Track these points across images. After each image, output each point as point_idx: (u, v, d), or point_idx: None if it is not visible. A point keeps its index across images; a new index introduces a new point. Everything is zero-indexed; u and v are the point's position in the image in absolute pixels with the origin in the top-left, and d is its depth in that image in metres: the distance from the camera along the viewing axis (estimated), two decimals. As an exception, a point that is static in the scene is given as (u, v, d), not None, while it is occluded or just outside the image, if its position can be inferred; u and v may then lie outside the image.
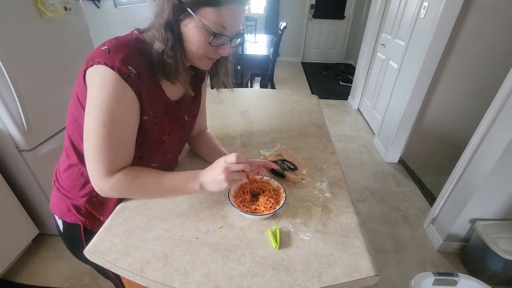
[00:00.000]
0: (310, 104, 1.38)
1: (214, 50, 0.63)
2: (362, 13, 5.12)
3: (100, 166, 0.60)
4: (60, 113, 1.48)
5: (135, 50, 0.59)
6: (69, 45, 1.53)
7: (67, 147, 0.71)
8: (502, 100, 1.30)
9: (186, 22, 0.59)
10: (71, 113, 0.67)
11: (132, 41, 0.61)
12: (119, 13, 2.73)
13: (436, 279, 1.23)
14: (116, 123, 0.58)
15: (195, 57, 0.64)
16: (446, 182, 1.67)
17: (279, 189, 0.76)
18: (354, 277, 0.57)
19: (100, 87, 0.56)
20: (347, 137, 2.94)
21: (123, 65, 0.56)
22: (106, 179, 0.61)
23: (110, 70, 0.55)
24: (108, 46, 0.57)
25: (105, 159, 0.59)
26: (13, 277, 1.47)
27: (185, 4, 0.57)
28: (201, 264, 0.59)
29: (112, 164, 0.61)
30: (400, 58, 2.35)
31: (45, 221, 1.60)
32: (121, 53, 0.56)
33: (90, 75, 0.57)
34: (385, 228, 1.83)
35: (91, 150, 0.59)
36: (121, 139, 0.61)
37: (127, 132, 0.62)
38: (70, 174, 0.72)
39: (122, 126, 0.60)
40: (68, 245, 0.83)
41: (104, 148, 0.59)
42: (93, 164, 0.60)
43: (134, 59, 0.58)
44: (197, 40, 0.60)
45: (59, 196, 0.75)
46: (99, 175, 0.61)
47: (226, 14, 0.57)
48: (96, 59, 0.55)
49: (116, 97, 0.56)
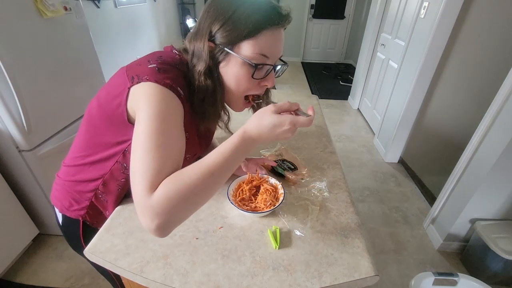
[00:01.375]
0: (310, 104, 1.38)
1: (257, 84, 0.62)
2: (362, 13, 5.12)
3: (149, 179, 0.48)
4: (60, 113, 1.48)
5: (180, 74, 0.59)
6: (69, 45, 1.53)
7: (80, 147, 0.69)
8: (502, 100, 1.30)
9: (225, 63, 0.58)
10: (92, 117, 0.64)
11: (177, 63, 0.60)
12: (119, 13, 2.74)
13: (436, 279, 1.23)
14: (167, 133, 0.52)
15: (235, 96, 0.63)
16: (446, 182, 1.67)
17: (277, 186, 0.76)
18: (354, 277, 0.57)
19: (151, 101, 0.52)
20: (347, 137, 2.94)
21: (174, 84, 0.55)
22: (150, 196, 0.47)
23: (162, 86, 0.53)
24: (157, 65, 0.55)
25: (154, 170, 0.49)
26: (13, 277, 1.47)
27: (221, 45, 0.56)
28: (201, 264, 0.59)
29: (161, 174, 0.49)
30: (400, 58, 2.35)
31: (45, 221, 1.60)
32: (170, 73, 0.56)
33: (137, 92, 0.55)
34: (385, 228, 1.83)
35: (140, 163, 0.50)
36: (172, 149, 0.53)
37: (178, 142, 0.55)
38: (79, 170, 0.71)
39: (174, 137, 0.54)
40: (66, 238, 0.84)
41: (154, 159, 0.49)
42: (140, 178, 0.48)
43: (181, 82, 0.58)
44: (238, 77, 0.59)
45: (61, 190, 0.75)
46: (147, 189, 0.47)
47: (263, 41, 0.56)
48: (145, 76, 0.54)
49: (167, 108, 0.53)
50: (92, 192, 0.71)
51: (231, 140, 0.52)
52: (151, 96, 0.52)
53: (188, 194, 0.47)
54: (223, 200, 0.75)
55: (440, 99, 2.09)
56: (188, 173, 0.49)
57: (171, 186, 0.47)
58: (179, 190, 0.46)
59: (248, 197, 0.74)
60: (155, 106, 0.52)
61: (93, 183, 0.70)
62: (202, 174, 0.48)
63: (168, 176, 0.49)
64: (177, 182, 0.47)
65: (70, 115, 1.56)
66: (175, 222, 0.49)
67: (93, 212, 0.75)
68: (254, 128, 0.51)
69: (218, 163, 0.49)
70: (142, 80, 0.53)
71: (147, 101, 0.52)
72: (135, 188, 0.48)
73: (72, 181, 0.72)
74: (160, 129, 0.51)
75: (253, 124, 0.52)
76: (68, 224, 0.77)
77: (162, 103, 0.52)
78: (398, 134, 2.37)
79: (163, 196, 0.46)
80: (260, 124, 0.51)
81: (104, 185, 0.70)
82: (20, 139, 1.29)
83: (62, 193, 0.75)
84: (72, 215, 0.74)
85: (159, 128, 0.51)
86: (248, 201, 0.73)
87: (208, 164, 0.49)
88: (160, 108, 0.52)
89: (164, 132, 0.51)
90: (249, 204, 0.72)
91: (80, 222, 0.75)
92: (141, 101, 0.53)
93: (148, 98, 0.53)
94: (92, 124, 0.65)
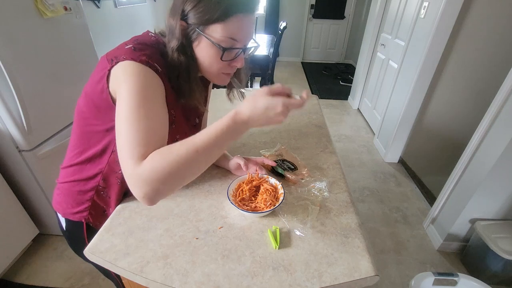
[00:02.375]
0: (310, 104, 1.38)
1: (228, 64, 0.64)
2: (362, 13, 5.12)
3: (136, 150, 0.51)
4: (60, 113, 1.48)
5: (157, 51, 0.60)
6: (69, 45, 1.53)
7: (74, 144, 0.70)
8: (502, 100, 1.30)
9: (197, 43, 0.60)
10: (80, 111, 0.65)
11: (153, 42, 0.62)
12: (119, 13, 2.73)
13: (436, 279, 1.23)
14: (149, 106, 0.54)
15: (211, 74, 0.65)
16: (446, 182, 1.67)
17: (276, 186, 0.76)
18: (354, 277, 0.57)
19: (130, 77, 0.54)
20: (347, 137, 2.94)
21: (151, 60, 0.56)
22: (138, 166, 0.50)
23: (139, 63, 0.55)
24: (133, 45, 0.57)
25: (140, 142, 0.52)
26: (13, 277, 1.47)
27: (193, 25, 0.58)
28: (201, 264, 0.59)
29: (147, 146, 0.52)
30: (400, 58, 2.35)
31: (45, 221, 1.60)
32: (146, 50, 0.57)
33: (116, 72, 0.56)
34: (385, 228, 1.83)
35: (125, 136, 0.52)
36: (155, 122, 0.55)
37: (161, 115, 0.57)
38: (77, 169, 0.71)
39: (156, 109, 0.56)
40: (70, 243, 0.84)
41: (138, 131, 0.52)
42: (127, 150, 0.51)
43: (158, 59, 0.59)
44: (209, 58, 0.61)
45: (62, 194, 0.75)
46: (132, 162, 0.50)
47: (233, 26, 0.57)
48: (122, 56, 0.55)
49: (146, 83, 0.55)
50: (93, 190, 0.72)
51: (221, 120, 0.52)
52: (130, 73, 0.54)
53: (174, 168, 0.49)
54: (223, 200, 0.75)
55: (440, 99, 2.09)
56: (175, 148, 0.51)
57: (157, 158, 0.50)
58: (165, 163, 0.49)
59: (248, 197, 0.74)
60: (135, 81, 0.54)
61: (93, 180, 0.71)
62: (187, 150, 0.50)
63: (156, 150, 0.51)
64: (163, 156, 0.50)
65: (70, 115, 1.54)
66: (162, 192, 0.52)
67: (96, 212, 0.75)
68: (246, 110, 0.51)
69: (204, 142, 0.51)
70: (120, 60, 0.55)
71: (127, 78, 0.54)
72: (124, 161, 0.51)
73: (72, 182, 0.72)
74: (142, 103, 0.53)
75: (245, 105, 0.52)
76: (72, 228, 0.77)
77: (142, 78, 0.55)
78: (398, 134, 2.37)
79: (150, 166, 0.49)
80: (253, 105, 0.51)
81: (104, 180, 0.70)
82: (20, 139, 1.29)
83: (63, 197, 0.75)
84: (75, 218, 0.75)
85: (140, 102, 0.53)
86: (248, 201, 0.73)
87: (195, 141, 0.51)
88: (139, 83, 0.54)
89: (146, 106, 0.54)
90: (249, 204, 0.72)
91: (83, 224, 0.75)
92: (121, 79, 0.55)
93: (127, 76, 0.55)
94: (81, 116, 0.66)
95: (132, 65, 0.55)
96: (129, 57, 0.55)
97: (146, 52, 0.57)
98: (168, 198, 0.75)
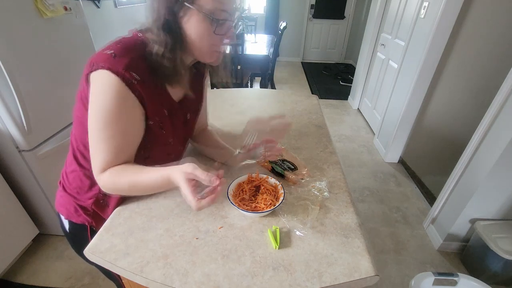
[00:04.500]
0: (310, 104, 1.38)
1: (220, 39, 0.62)
2: (362, 13, 5.12)
3: (97, 164, 0.62)
4: (60, 113, 1.48)
5: (139, 55, 0.58)
6: (69, 45, 1.53)
7: (74, 149, 0.71)
8: (502, 100, 1.30)
9: (187, 18, 0.58)
10: (76, 116, 0.66)
11: (137, 45, 0.59)
12: (119, 13, 2.73)
13: (436, 279, 1.23)
14: (115, 127, 0.58)
15: (202, 52, 0.63)
16: (446, 182, 1.67)
17: (276, 186, 0.76)
18: (354, 277, 0.57)
19: (103, 92, 0.56)
20: (347, 137, 2.94)
21: (127, 72, 0.55)
22: (99, 176, 0.63)
23: (114, 76, 0.54)
24: (114, 51, 0.56)
25: (103, 159, 0.61)
26: (13, 277, 1.47)
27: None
28: (201, 264, 0.59)
29: (109, 163, 0.62)
30: (400, 58, 2.35)
31: (45, 221, 1.60)
32: (126, 58, 0.56)
33: (93, 79, 0.57)
34: (385, 228, 1.83)
35: (92, 150, 0.61)
36: (120, 140, 0.61)
37: (128, 132, 0.61)
38: (77, 176, 0.72)
39: (123, 128, 0.60)
40: (73, 245, 0.83)
41: (103, 151, 0.60)
42: (93, 160, 0.62)
43: (138, 64, 0.58)
44: (201, 33, 0.59)
45: (65, 197, 0.75)
46: (95, 171, 0.63)
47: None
48: (100, 63, 0.55)
49: (118, 103, 0.56)
50: (93, 198, 0.72)
51: (162, 175, 0.59)
52: (101, 90, 0.56)
53: (119, 190, 0.65)
54: (223, 200, 0.75)
55: (440, 99, 2.09)
56: (124, 174, 0.61)
57: (112, 177, 0.61)
58: (113, 186, 0.62)
59: (248, 197, 0.74)
60: (105, 100, 0.56)
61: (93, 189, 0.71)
62: (129, 183, 0.62)
63: (117, 165, 0.62)
64: (115, 178, 0.61)
65: (70, 115, 1.51)
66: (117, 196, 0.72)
67: (98, 218, 0.75)
68: (177, 181, 0.57)
69: (144, 183, 0.62)
70: (98, 67, 0.55)
71: (99, 94, 0.56)
72: (92, 165, 0.63)
73: (72, 188, 0.73)
74: (108, 124, 0.57)
75: (179, 177, 0.56)
76: (75, 231, 0.77)
77: (113, 97, 0.56)
78: (398, 134, 2.37)
79: (104, 181, 0.62)
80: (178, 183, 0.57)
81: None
82: (20, 139, 1.29)
83: (66, 199, 0.75)
84: (78, 220, 0.75)
85: (107, 124, 0.57)
86: (248, 201, 0.73)
87: (138, 179, 0.62)
88: (109, 103, 0.56)
89: (112, 127, 0.58)
90: (249, 204, 0.72)
91: (87, 228, 0.75)
92: (94, 90, 0.57)
93: (100, 91, 0.56)
94: (79, 121, 0.66)
95: (107, 78, 0.55)
96: (107, 65, 0.54)
97: (126, 60, 0.55)
98: (168, 198, 0.75)
